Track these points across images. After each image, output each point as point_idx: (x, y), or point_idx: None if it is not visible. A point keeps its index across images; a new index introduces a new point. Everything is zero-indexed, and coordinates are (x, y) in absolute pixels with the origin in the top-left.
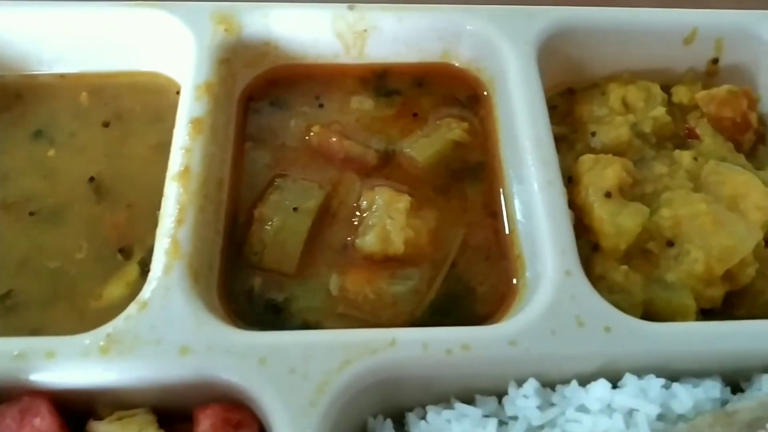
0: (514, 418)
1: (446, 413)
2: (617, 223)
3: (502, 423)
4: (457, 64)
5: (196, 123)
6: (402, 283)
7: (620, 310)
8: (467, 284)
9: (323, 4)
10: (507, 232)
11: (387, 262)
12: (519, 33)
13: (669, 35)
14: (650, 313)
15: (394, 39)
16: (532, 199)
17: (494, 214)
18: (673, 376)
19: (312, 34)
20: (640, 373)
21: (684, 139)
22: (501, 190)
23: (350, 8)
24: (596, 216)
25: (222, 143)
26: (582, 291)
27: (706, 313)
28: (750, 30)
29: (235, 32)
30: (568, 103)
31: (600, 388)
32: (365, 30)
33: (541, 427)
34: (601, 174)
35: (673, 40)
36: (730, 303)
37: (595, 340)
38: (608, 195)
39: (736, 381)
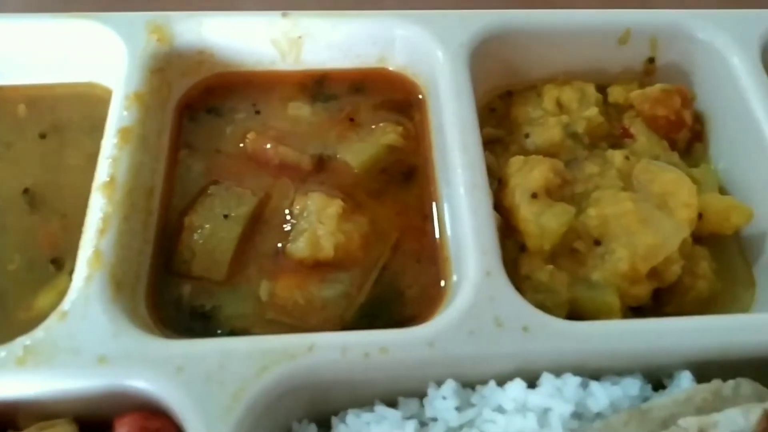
0: (434, 419)
1: (366, 416)
2: (541, 223)
3: (423, 424)
4: (393, 69)
5: (124, 132)
6: (332, 288)
7: (545, 309)
8: (397, 287)
9: (258, 12)
10: (437, 235)
11: (318, 268)
12: (451, 37)
13: (603, 36)
14: (576, 313)
15: (329, 45)
16: (459, 203)
17: (426, 217)
18: (593, 374)
19: (247, 42)
20: (559, 372)
21: (619, 138)
22: (433, 193)
23: (284, 15)
24: (521, 217)
25: (154, 152)
26: (501, 291)
27: (637, 311)
28: (683, 29)
29: (167, 41)
30: (506, 106)
31: (516, 387)
32: (300, 37)
33: (460, 427)
34: (528, 175)
35: (607, 41)
36: (660, 300)
37: (513, 340)
38: (534, 196)
39: (658, 378)
